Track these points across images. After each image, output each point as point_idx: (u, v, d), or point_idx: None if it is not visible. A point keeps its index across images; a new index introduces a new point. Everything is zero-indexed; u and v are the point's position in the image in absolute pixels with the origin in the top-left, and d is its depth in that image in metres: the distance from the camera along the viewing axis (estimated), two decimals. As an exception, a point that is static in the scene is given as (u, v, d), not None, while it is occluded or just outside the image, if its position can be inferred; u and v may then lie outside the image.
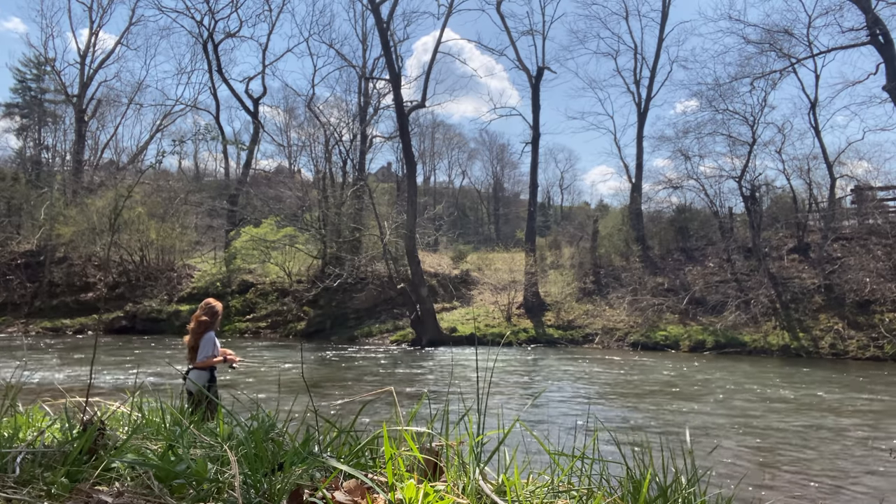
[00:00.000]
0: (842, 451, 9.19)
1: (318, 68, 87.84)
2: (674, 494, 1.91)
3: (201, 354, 6.58)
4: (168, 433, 2.20)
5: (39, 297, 33.06)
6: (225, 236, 38.27)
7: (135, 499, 1.47)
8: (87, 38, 42.81)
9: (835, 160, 30.26)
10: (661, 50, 36.22)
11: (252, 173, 43.84)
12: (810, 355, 23.06)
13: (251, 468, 1.69)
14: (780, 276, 27.23)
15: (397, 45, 32.50)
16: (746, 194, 30.88)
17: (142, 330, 30.74)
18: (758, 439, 9.89)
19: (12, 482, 1.54)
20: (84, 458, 1.72)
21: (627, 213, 35.73)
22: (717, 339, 25.07)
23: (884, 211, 29.53)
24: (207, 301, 6.96)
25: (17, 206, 38.47)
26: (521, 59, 36.59)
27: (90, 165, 45.40)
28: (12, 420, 2.40)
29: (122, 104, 46.40)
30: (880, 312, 23.68)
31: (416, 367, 19.80)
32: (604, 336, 27.60)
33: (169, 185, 42.16)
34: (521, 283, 31.82)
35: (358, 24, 49.54)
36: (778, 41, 30.74)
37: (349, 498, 1.44)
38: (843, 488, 7.44)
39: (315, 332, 30.80)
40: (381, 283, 31.67)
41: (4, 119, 46.67)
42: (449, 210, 53.21)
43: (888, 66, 27.14)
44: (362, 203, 35.08)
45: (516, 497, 1.68)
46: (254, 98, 41.35)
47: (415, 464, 1.73)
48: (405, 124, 31.37)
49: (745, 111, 31.58)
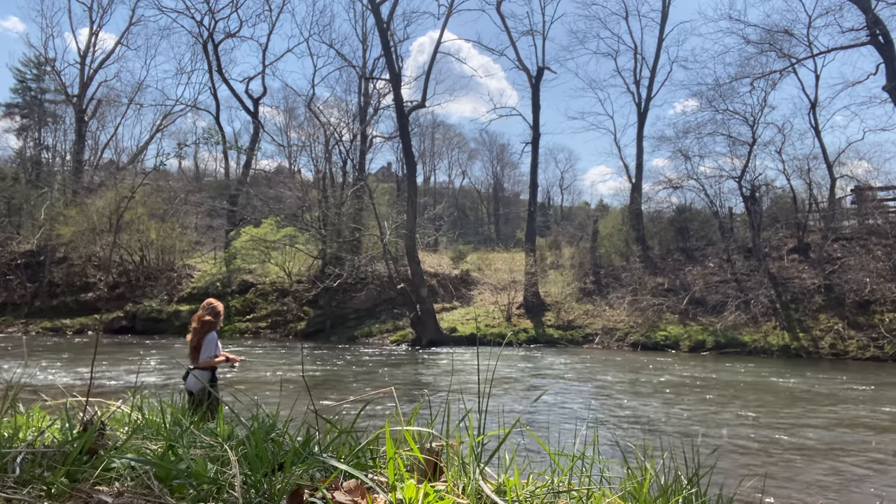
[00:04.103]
0: (843, 451, 9.19)
1: (318, 68, 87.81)
2: (674, 494, 1.91)
3: (204, 354, 6.59)
4: (168, 433, 2.20)
5: (39, 297, 33.06)
6: (225, 236, 38.29)
7: (135, 499, 1.47)
8: (87, 38, 42.86)
9: (835, 160, 30.27)
10: (661, 50, 36.27)
11: (252, 173, 43.86)
12: (810, 355, 23.06)
13: (251, 468, 1.69)
14: (780, 277, 27.24)
15: (397, 45, 32.52)
16: (746, 194, 30.88)
17: (142, 330, 30.74)
18: (758, 439, 9.89)
19: (12, 482, 1.53)
20: (84, 458, 1.72)
21: (627, 213, 35.73)
22: (717, 340, 25.07)
23: (884, 211, 29.51)
24: (209, 301, 6.97)
25: (17, 206, 38.48)
26: (521, 60, 36.62)
27: (90, 165, 45.41)
28: (12, 420, 2.40)
29: (122, 104, 46.47)
30: (880, 312, 23.68)
31: (416, 367, 19.79)
32: (604, 336, 27.60)
33: (169, 185, 42.16)
34: (521, 284, 31.81)
35: (358, 25, 49.54)
36: (778, 41, 30.77)
37: (349, 498, 1.44)
38: (844, 488, 7.44)
39: (315, 332, 30.81)
40: (381, 283, 31.67)
41: (4, 119, 46.73)
42: (449, 210, 53.20)
43: (888, 66, 27.13)
44: (362, 203, 35.07)
45: (516, 497, 1.68)
46: (254, 98, 41.38)
47: (415, 464, 1.73)
48: (405, 124, 31.37)
49: (745, 111, 31.61)
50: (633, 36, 48.60)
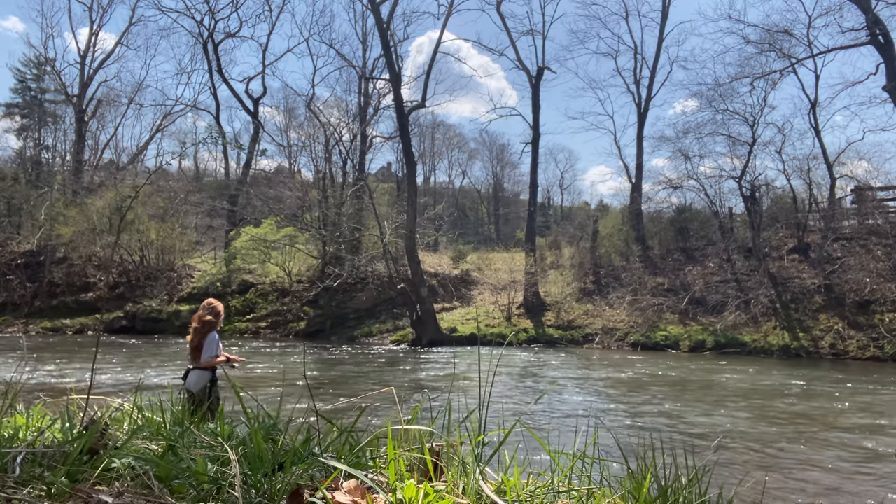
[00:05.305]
0: (843, 451, 9.19)
1: (318, 68, 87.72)
2: (674, 494, 1.91)
3: (206, 354, 6.59)
4: (168, 433, 2.20)
5: (39, 297, 33.06)
6: (225, 236, 38.29)
7: (135, 499, 1.47)
8: (87, 38, 42.88)
9: (835, 160, 30.27)
10: (661, 50, 36.28)
11: (252, 173, 43.85)
12: (810, 355, 23.06)
13: (251, 468, 1.69)
14: (780, 276, 27.23)
15: (397, 45, 32.54)
16: (746, 194, 30.87)
17: (142, 330, 30.74)
18: (759, 439, 9.88)
19: (12, 482, 1.53)
20: (84, 458, 1.72)
21: (627, 213, 35.73)
22: (717, 340, 25.07)
23: (884, 211, 29.51)
24: (209, 301, 6.97)
25: (17, 206, 38.49)
26: (521, 60, 36.63)
27: (90, 165, 45.44)
28: (12, 420, 2.40)
29: (122, 104, 46.51)
30: (880, 312, 23.68)
31: (416, 367, 19.79)
32: (604, 336, 27.60)
33: (169, 185, 42.15)
34: (521, 284, 31.81)
35: (358, 25, 49.53)
36: (778, 41, 30.77)
37: (349, 498, 1.44)
38: (844, 488, 7.44)
39: (315, 332, 30.81)
40: (381, 283, 31.67)
41: (4, 119, 46.74)
42: (449, 210, 53.18)
43: (888, 66, 27.13)
44: (362, 203, 35.08)
45: (516, 497, 1.68)
46: (254, 98, 41.37)
47: (415, 464, 1.73)
48: (405, 124, 31.37)
49: (745, 111, 31.61)
50: (633, 36, 48.62)
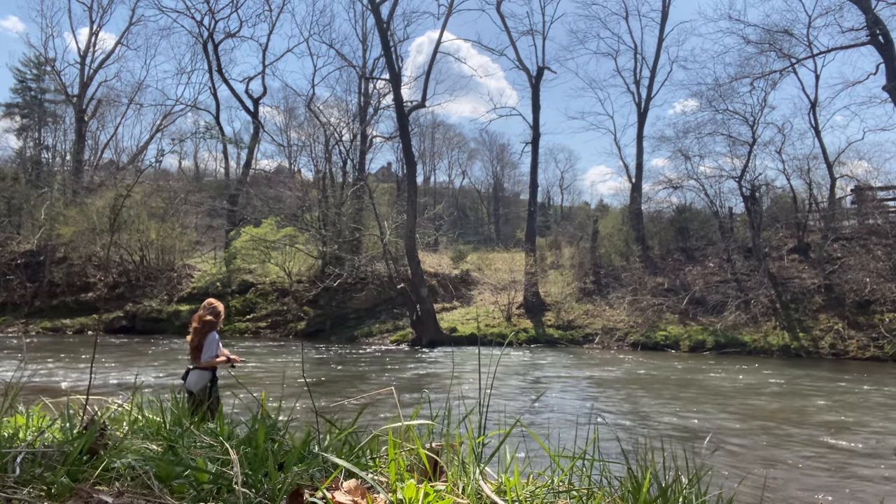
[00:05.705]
0: (843, 450, 9.19)
1: (318, 68, 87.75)
2: (674, 494, 1.91)
3: (206, 354, 6.59)
4: (168, 433, 2.20)
5: (39, 297, 33.06)
6: (225, 236, 38.28)
7: (135, 499, 1.47)
8: (87, 38, 42.86)
9: (835, 160, 30.26)
10: (661, 50, 36.27)
11: (252, 173, 43.86)
12: (810, 355, 23.06)
13: (252, 468, 1.69)
14: (780, 276, 27.23)
15: (397, 45, 32.52)
16: (746, 194, 30.87)
17: (142, 330, 30.74)
18: (760, 439, 9.88)
19: (12, 482, 1.53)
20: (84, 458, 1.72)
21: (627, 213, 35.73)
22: (717, 340, 25.07)
23: (884, 211, 29.51)
24: (209, 301, 6.97)
25: (17, 206, 38.48)
26: (521, 59, 36.63)
27: (90, 165, 45.42)
28: (12, 420, 2.40)
29: (122, 104, 46.48)
30: (880, 312, 23.68)
31: (416, 367, 19.79)
32: (604, 336, 27.60)
33: (169, 185, 42.16)
34: (521, 284, 31.81)
35: (358, 24, 49.55)
36: (778, 41, 30.76)
37: (349, 498, 1.44)
38: (844, 488, 7.44)
39: (315, 332, 30.81)
40: (381, 283, 31.66)
41: (4, 119, 46.73)
42: (449, 210, 53.21)
43: (888, 66, 27.13)
44: (362, 203, 35.07)
45: (516, 497, 1.68)
46: (254, 98, 41.37)
47: (415, 464, 1.73)
48: (405, 124, 31.36)
49: (745, 111, 31.61)
50: (633, 36, 48.68)
